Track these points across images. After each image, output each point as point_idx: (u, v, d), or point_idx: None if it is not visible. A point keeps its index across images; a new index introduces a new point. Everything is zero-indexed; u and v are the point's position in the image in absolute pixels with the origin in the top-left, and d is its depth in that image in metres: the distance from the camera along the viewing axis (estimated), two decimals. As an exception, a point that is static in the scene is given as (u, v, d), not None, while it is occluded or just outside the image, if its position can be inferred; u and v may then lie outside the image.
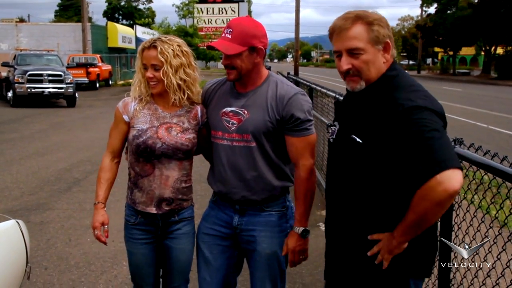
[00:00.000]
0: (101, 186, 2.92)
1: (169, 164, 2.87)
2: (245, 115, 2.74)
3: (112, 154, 2.98)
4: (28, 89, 20.20)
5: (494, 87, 38.30)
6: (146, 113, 2.89)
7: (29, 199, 7.44)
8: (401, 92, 2.07)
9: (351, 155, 2.18)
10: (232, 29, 2.66)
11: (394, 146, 1.99)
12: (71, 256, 5.31)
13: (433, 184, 1.85)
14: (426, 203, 1.90)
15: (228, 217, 2.90)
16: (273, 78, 2.82)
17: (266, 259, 2.85)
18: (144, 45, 2.85)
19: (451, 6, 57.08)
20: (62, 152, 11.01)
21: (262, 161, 2.77)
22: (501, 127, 15.42)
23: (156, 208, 2.90)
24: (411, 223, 2.00)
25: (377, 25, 2.09)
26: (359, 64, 2.12)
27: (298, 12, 36.89)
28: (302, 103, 2.72)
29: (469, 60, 78.50)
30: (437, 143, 1.89)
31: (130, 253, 3.03)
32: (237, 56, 2.66)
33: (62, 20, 63.51)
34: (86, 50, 35.06)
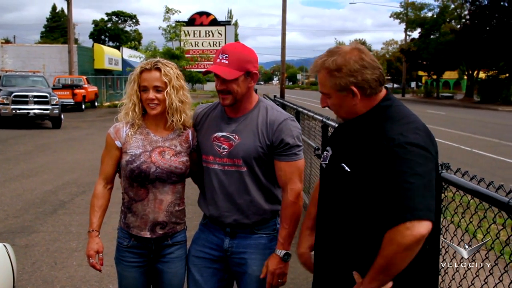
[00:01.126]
0: (95, 214, 2.89)
1: (163, 188, 2.87)
2: (236, 140, 2.78)
3: (105, 180, 2.95)
4: (13, 110, 20.08)
5: (477, 110, 38.79)
6: (139, 138, 2.88)
7: (14, 221, 7.36)
8: (393, 124, 2.11)
9: (340, 183, 2.22)
10: (228, 54, 2.70)
11: (378, 179, 2.02)
12: (56, 279, 5.26)
13: (401, 228, 1.90)
14: (393, 247, 1.94)
15: (219, 239, 2.91)
16: (263, 103, 2.87)
17: (256, 282, 2.86)
18: (144, 66, 2.85)
19: (434, 31, 57.97)
20: (47, 174, 10.92)
21: (253, 186, 2.80)
22: (485, 150, 15.59)
23: (150, 233, 2.89)
24: (380, 268, 2.02)
25: (337, 73, 2.14)
26: (330, 105, 2.27)
27: (284, 36, 37.24)
28: (291, 129, 2.77)
29: (452, 84, 79.46)
30: (416, 190, 1.93)
31: (121, 275, 3.00)
32: (234, 81, 2.71)
33: (48, 41, 63.46)
34: (72, 71, 35.01)
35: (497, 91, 46.09)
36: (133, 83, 2.86)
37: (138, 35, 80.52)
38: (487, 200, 2.08)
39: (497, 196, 2.00)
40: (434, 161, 2.08)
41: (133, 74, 2.87)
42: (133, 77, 2.87)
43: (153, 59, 2.91)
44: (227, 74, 2.68)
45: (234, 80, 2.71)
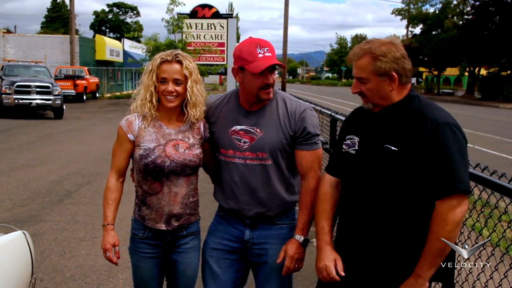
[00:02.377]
0: (109, 207, 2.89)
1: (177, 181, 2.86)
2: (258, 133, 2.78)
3: (117, 173, 2.93)
4: (15, 100, 20.08)
5: (478, 107, 38.80)
6: (151, 131, 2.86)
7: (21, 210, 7.40)
8: (431, 109, 2.32)
9: (384, 164, 2.31)
10: (267, 47, 2.72)
11: (425, 155, 2.20)
12: (66, 268, 5.30)
13: (451, 205, 2.13)
14: (449, 227, 2.14)
15: (239, 231, 2.93)
16: (279, 95, 2.89)
17: (277, 271, 2.88)
18: (165, 58, 2.82)
19: (436, 27, 57.88)
20: (52, 164, 10.95)
21: (276, 178, 2.82)
22: (487, 147, 15.63)
23: (166, 225, 2.90)
24: (438, 251, 2.18)
25: (382, 59, 2.31)
26: (364, 90, 2.39)
27: (286, 29, 37.19)
28: (312, 118, 2.82)
29: (453, 80, 79.38)
30: (462, 164, 2.18)
31: (135, 266, 3.02)
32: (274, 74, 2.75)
33: (48, 32, 63.22)
34: (73, 62, 34.95)
35: (498, 88, 46.12)
36: (152, 74, 2.82)
37: (139, 26, 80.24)
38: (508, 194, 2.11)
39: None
40: (466, 140, 2.29)
41: (152, 64, 2.84)
42: (151, 67, 2.83)
43: (173, 51, 2.89)
44: (282, 64, 2.74)
45: (275, 71, 2.76)
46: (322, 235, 2.60)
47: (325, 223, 2.61)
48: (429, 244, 2.19)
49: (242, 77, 2.78)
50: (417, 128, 2.25)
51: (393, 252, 2.33)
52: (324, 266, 2.53)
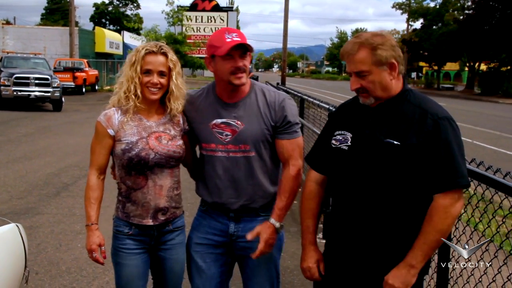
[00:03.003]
0: (92, 207, 2.79)
1: (162, 173, 2.81)
2: (240, 125, 2.78)
3: (98, 171, 2.84)
4: (14, 92, 20.04)
5: (478, 102, 38.77)
6: (132, 125, 2.79)
7: (18, 203, 7.39)
8: (428, 103, 2.34)
9: (385, 159, 2.29)
10: (236, 33, 2.71)
11: (426, 149, 2.21)
12: (62, 261, 5.29)
13: (452, 199, 2.16)
14: (448, 220, 2.17)
15: (223, 225, 2.91)
16: (257, 86, 2.89)
17: (264, 263, 2.89)
18: (150, 49, 2.77)
19: (437, 22, 57.77)
20: (49, 156, 10.93)
21: (259, 170, 2.82)
22: (486, 142, 15.63)
23: (153, 220, 2.84)
24: (434, 243, 2.21)
25: (380, 48, 2.28)
26: (366, 84, 2.33)
27: (286, 23, 37.09)
28: (291, 107, 2.84)
29: (453, 75, 79.26)
30: (461, 158, 2.21)
31: (121, 266, 2.87)
32: (247, 57, 2.74)
33: (48, 23, 63.10)
34: (73, 54, 34.89)
35: (498, 83, 46.06)
36: (136, 65, 2.75)
37: (139, 19, 79.98)
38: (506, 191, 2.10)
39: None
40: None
41: (135, 55, 2.77)
42: (135, 59, 2.76)
43: (157, 42, 2.84)
44: (251, 48, 2.71)
45: (247, 57, 2.73)
46: (307, 234, 2.62)
47: (310, 222, 2.61)
48: (427, 235, 2.19)
49: (214, 65, 2.77)
50: (418, 122, 2.25)
51: (389, 245, 2.33)
52: (308, 267, 2.59)
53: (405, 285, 2.24)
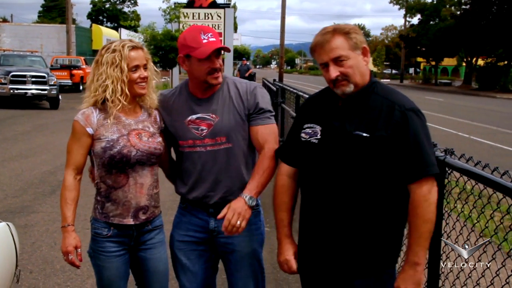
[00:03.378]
0: (68, 207, 2.74)
1: (143, 171, 2.79)
2: (214, 118, 2.79)
3: (75, 171, 2.77)
4: (10, 90, 19.94)
5: (475, 97, 38.78)
6: (111, 123, 2.75)
7: (13, 201, 7.38)
8: (394, 95, 2.37)
9: (354, 151, 2.30)
10: (211, 32, 2.73)
11: (395, 140, 2.23)
12: (56, 260, 5.27)
13: (428, 186, 2.20)
14: (432, 207, 2.21)
15: (203, 221, 2.92)
16: (229, 79, 2.92)
17: (247, 258, 2.90)
18: (131, 44, 2.74)
19: (434, 17, 57.75)
20: (46, 154, 10.92)
21: (237, 161, 2.84)
22: (482, 137, 15.63)
23: (133, 219, 2.81)
24: (428, 233, 2.23)
25: (353, 33, 2.34)
26: (345, 69, 2.33)
27: (283, 19, 37.06)
28: (263, 95, 2.88)
29: (450, 70, 79.28)
30: (429, 148, 2.27)
31: (102, 268, 2.84)
32: (221, 57, 2.77)
33: (45, 21, 62.94)
34: (70, 52, 34.84)
35: (495, 78, 46.04)
36: (122, 63, 2.69)
37: (136, 16, 79.86)
38: (492, 186, 2.08)
39: (503, 182, 2.01)
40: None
41: (119, 55, 2.69)
42: (119, 58, 2.70)
43: (125, 39, 2.83)
44: (227, 47, 2.76)
45: (221, 55, 2.77)
46: (282, 228, 2.61)
47: (284, 215, 2.61)
48: (418, 228, 2.21)
49: (188, 65, 2.77)
50: (386, 113, 2.28)
51: (360, 238, 2.34)
52: (285, 260, 2.59)
53: (417, 284, 2.25)
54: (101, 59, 2.74)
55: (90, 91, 2.79)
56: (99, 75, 2.73)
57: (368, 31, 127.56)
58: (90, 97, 2.78)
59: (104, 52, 2.75)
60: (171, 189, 3.09)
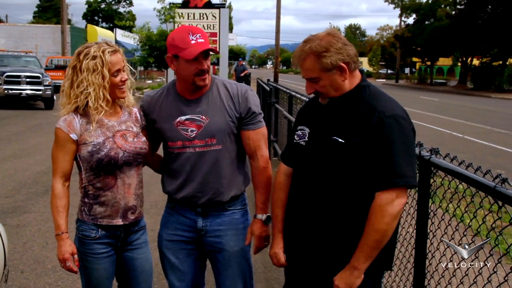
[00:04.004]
0: (61, 215, 2.72)
1: (130, 172, 2.80)
2: (204, 120, 2.80)
3: (63, 178, 2.76)
4: (5, 91, 19.90)
5: (470, 97, 38.86)
6: (95, 126, 2.74)
7: (6, 201, 7.37)
8: (379, 100, 2.33)
9: (331, 155, 2.32)
10: (200, 33, 2.72)
11: (370, 147, 2.22)
12: (48, 259, 5.27)
13: (390, 197, 2.16)
14: (386, 219, 2.17)
15: (191, 220, 2.93)
16: (218, 80, 2.93)
17: (235, 257, 2.93)
18: (111, 49, 2.71)
19: (429, 16, 57.86)
20: (39, 154, 10.89)
21: (226, 163, 2.85)
22: (476, 137, 15.67)
23: (122, 219, 2.82)
24: (374, 243, 2.21)
25: (324, 57, 2.29)
26: (319, 88, 2.38)
27: (279, 19, 37.08)
28: (254, 98, 2.90)
29: (446, 70, 79.42)
30: (404, 157, 2.19)
31: (90, 270, 2.83)
32: (208, 58, 2.78)
33: (40, 21, 62.82)
34: (65, 52, 34.78)
35: (490, 78, 46.17)
36: (101, 70, 2.67)
37: (131, 16, 79.75)
38: (475, 185, 2.11)
39: (484, 181, 2.03)
40: (415, 134, 2.33)
41: (100, 61, 2.66)
42: (100, 64, 2.66)
43: (102, 42, 2.79)
44: (214, 49, 2.78)
45: (209, 57, 2.78)
46: (276, 223, 2.68)
47: (279, 211, 2.66)
48: (366, 236, 2.21)
49: (176, 65, 2.77)
50: (364, 120, 2.26)
51: (333, 240, 2.37)
52: (274, 253, 2.66)
53: (348, 286, 2.29)
54: (79, 65, 2.69)
55: (69, 98, 2.74)
56: (79, 82, 2.69)
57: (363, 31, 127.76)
58: (71, 104, 2.73)
59: (82, 58, 2.70)
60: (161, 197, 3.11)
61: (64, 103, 2.77)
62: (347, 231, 2.33)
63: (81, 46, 2.78)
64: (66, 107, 2.75)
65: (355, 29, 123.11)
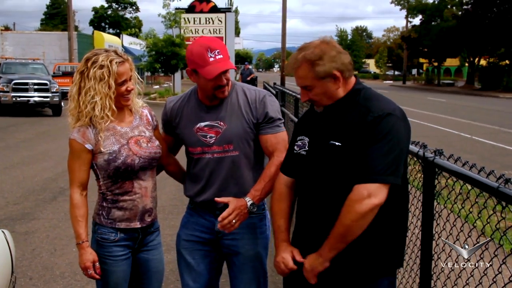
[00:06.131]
0: (80, 224, 2.76)
1: (145, 176, 2.86)
2: (222, 126, 2.83)
3: (80, 188, 2.79)
4: (13, 98, 20.04)
5: (478, 98, 38.71)
6: (108, 134, 2.78)
7: (14, 208, 7.41)
8: (374, 101, 2.33)
9: (331, 160, 2.31)
10: (219, 49, 2.73)
11: (363, 146, 2.21)
12: (56, 266, 5.31)
13: (361, 195, 2.15)
14: (351, 215, 2.16)
15: (209, 222, 2.96)
16: (238, 86, 2.95)
17: (250, 261, 2.93)
18: (119, 59, 2.74)
19: (435, 17, 57.69)
20: (47, 161, 10.96)
21: (244, 168, 2.87)
22: (484, 137, 15.60)
23: (140, 222, 2.88)
24: (339, 237, 2.22)
25: (317, 65, 2.29)
26: (313, 96, 2.38)
27: (284, 23, 37.12)
28: (272, 104, 2.89)
29: (453, 71, 79.11)
30: (392, 155, 2.18)
31: (110, 272, 2.86)
32: (228, 72, 2.79)
33: (48, 28, 63.22)
34: (72, 59, 34.97)
35: (498, 78, 45.96)
36: (108, 79, 2.70)
37: (138, 22, 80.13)
38: (478, 186, 2.09)
39: (487, 182, 2.02)
40: (409, 133, 2.32)
41: (107, 70, 2.69)
42: (107, 74, 2.69)
43: (111, 50, 2.81)
44: (234, 66, 2.81)
45: (229, 71, 2.79)
46: (279, 233, 2.61)
47: (282, 222, 2.61)
48: (334, 228, 2.22)
49: (196, 78, 2.81)
50: (359, 121, 2.26)
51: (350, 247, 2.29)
52: (281, 258, 2.54)
53: (311, 268, 2.35)
54: (87, 73, 2.72)
55: (76, 104, 2.77)
56: (87, 90, 2.72)
57: (370, 33, 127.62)
58: (83, 115, 2.74)
59: (90, 65, 2.72)
60: (171, 193, 3.15)
61: (72, 109, 2.80)
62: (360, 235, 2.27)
63: (90, 52, 2.81)
64: (77, 114, 2.77)
65: (361, 31, 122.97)
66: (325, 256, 2.29)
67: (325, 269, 2.37)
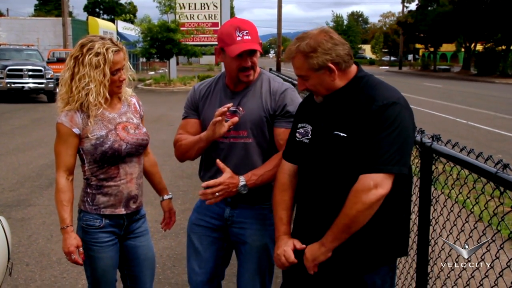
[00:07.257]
0: (65, 209, 2.76)
1: (131, 162, 2.86)
2: (241, 112, 2.81)
3: (66, 172, 2.79)
4: (7, 84, 19.94)
5: (474, 83, 38.70)
6: (96, 120, 2.77)
7: (10, 195, 7.40)
8: (377, 90, 2.29)
9: (335, 151, 2.28)
10: (247, 30, 2.70)
11: (369, 138, 2.18)
12: (53, 252, 5.30)
13: (367, 185, 2.12)
14: (358, 206, 2.13)
15: (220, 209, 2.95)
16: (265, 75, 2.93)
17: (256, 252, 2.91)
18: (115, 48, 2.73)
19: (432, 2, 57.52)
20: (43, 148, 10.92)
21: (257, 156, 2.84)
22: (480, 123, 15.62)
23: (125, 208, 2.88)
24: (343, 227, 2.20)
25: (311, 57, 2.27)
26: (309, 86, 2.37)
27: (280, 8, 36.96)
28: (292, 98, 2.84)
29: (449, 56, 79.06)
30: (397, 144, 2.15)
31: (96, 259, 2.87)
32: (256, 55, 2.77)
33: (42, 14, 62.72)
34: (66, 45, 34.74)
35: (494, 63, 46.00)
36: (103, 67, 2.69)
37: (133, 8, 79.57)
38: (476, 171, 2.09)
39: (485, 167, 2.02)
40: (414, 122, 2.31)
41: (103, 58, 2.68)
42: (103, 62, 2.68)
43: (106, 38, 2.78)
44: (260, 49, 2.73)
45: (257, 53, 2.76)
46: (280, 226, 2.57)
47: (283, 213, 2.57)
48: (338, 217, 2.20)
49: (223, 58, 2.80)
50: (364, 110, 2.22)
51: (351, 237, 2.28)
52: (282, 251, 2.49)
53: (312, 257, 2.33)
54: (82, 58, 2.70)
55: (67, 88, 2.76)
56: (81, 76, 2.70)
57: (366, 18, 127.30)
58: (75, 101, 2.74)
59: (85, 51, 2.70)
60: (167, 179, 3.11)
61: (62, 94, 2.79)
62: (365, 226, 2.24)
63: (85, 38, 2.79)
64: (68, 98, 2.76)
65: (357, 17, 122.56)
66: (328, 246, 2.27)
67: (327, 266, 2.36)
